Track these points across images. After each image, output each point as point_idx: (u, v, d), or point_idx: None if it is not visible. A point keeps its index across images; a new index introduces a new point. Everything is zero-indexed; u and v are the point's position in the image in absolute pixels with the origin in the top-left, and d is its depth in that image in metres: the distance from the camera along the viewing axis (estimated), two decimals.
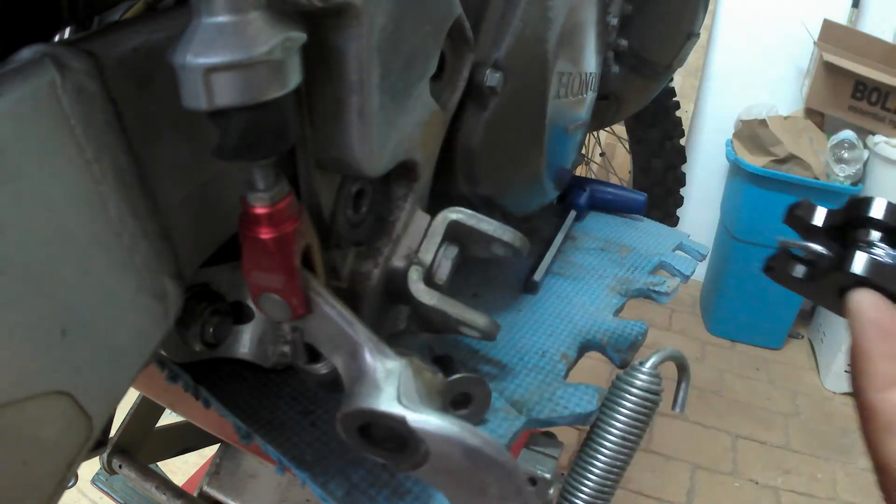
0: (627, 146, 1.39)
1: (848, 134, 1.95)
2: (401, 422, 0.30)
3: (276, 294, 0.31)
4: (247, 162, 0.27)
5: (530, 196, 0.68)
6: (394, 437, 0.32)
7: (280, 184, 0.28)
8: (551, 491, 0.52)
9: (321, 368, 0.37)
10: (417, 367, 0.33)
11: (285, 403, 0.54)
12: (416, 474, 0.33)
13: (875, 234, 0.33)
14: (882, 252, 0.33)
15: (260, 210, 0.28)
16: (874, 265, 0.32)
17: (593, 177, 1.74)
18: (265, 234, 0.28)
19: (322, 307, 0.33)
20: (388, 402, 0.31)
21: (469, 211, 0.41)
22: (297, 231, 0.30)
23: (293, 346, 0.37)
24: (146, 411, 0.92)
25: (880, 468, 0.27)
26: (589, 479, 0.52)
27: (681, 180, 1.36)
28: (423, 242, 0.40)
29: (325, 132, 0.33)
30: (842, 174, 1.95)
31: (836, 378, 2.04)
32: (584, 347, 0.62)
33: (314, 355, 0.37)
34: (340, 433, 0.33)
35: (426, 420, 0.30)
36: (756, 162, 2.00)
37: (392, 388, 0.32)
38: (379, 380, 0.32)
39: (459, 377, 0.45)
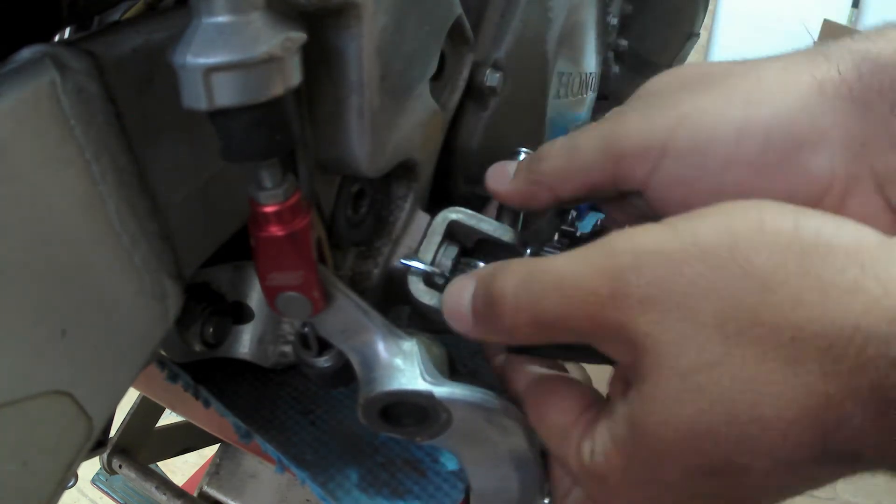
0: None
1: None
2: (428, 397, 0.33)
3: (296, 291, 0.31)
4: (253, 161, 0.26)
5: None
6: (413, 413, 0.35)
7: (288, 180, 0.28)
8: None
9: (324, 362, 0.37)
10: (426, 343, 0.36)
11: (285, 403, 0.54)
12: (434, 442, 0.36)
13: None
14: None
15: (271, 208, 0.28)
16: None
17: None
18: (280, 232, 0.28)
19: (339, 298, 0.34)
20: (412, 380, 0.34)
21: (469, 211, 0.41)
22: (310, 224, 0.30)
23: (304, 340, 0.37)
24: (146, 411, 0.92)
25: None
26: None
27: None
28: (422, 242, 0.40)
29: (325, 132, 0.33)
30: None
31: None
32: None
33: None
34: (361, 418, 0.35)
35: (451, 391, 0.34)
36: None
37: (413, 367, 0.34)
38: (398, 361, 0.34)
39: None
